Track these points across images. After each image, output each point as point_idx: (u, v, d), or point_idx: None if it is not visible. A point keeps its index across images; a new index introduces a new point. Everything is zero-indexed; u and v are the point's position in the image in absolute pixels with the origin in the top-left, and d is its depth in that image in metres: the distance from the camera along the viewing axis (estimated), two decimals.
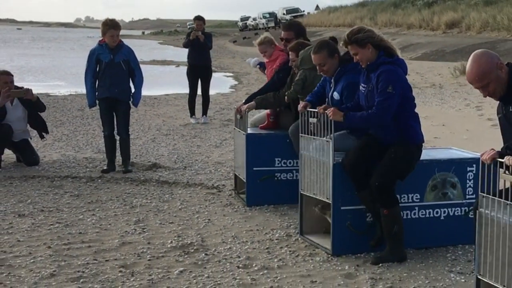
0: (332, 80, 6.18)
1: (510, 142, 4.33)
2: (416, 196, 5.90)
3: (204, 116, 14.05)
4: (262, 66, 8.94)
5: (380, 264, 5.46)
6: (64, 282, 5.09)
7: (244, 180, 7.47)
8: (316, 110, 5.85)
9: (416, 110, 5.76)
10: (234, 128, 7.98)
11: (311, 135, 6.02)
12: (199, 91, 14.09)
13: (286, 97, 7.24)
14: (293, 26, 8.02)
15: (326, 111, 5.69)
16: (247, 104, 7.45)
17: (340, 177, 5.70)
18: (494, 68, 4.36)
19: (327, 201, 5.81)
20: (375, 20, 46.26)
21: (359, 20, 46.03)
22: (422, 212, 5.93)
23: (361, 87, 5.73)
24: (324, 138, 5.78)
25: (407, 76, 5.76)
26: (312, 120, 5.93)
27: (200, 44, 13.75)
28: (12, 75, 9.62)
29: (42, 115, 9.93)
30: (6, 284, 5.06)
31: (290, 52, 7.36)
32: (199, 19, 14.16)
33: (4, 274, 5.24)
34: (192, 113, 14.10)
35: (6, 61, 32.65)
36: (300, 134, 6.19)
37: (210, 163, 9.73)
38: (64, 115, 14.69)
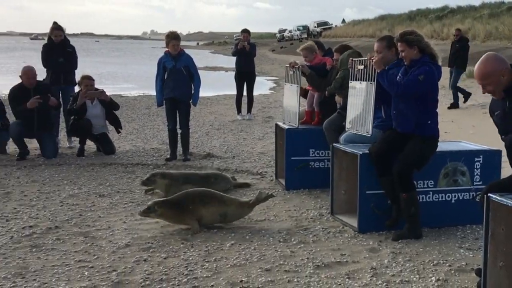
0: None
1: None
2: (431, 182, 5.83)
3: (249, 113, 14.05)
4: None
5: (400, 240, 5.41)
6: (136, 251, 5.14)
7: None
8: (365, 58, 5.84)
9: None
10: (285, 83, 7.80)
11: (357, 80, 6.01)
12: (244, 93, 14.11)
13: (326, 91, 7.23)
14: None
15: (372, 59, 5.69)
16: (303, 65, 7.41)
17: (366, 166, 5.66)
18: (497, 72, 4.26)
19: (366, 134, 5.85)
20: (393, 32, 45.63)
21: (379, 31, 45.41)
22: (435, 196, 5.86)
23: (398, 78, 5.65)
24: (368, 82, 5.76)
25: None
26: (360, 66, 5.89)
27: (246, 53, 13.75)
28: (93, 79, 9.74)
29: (117, 113, 10.02)
30: (90, 252, 5.13)
31: (334, 53, 7.43)
32: (245, 31, 14.16)
33: (88, 244, 5.32)
34: (239, 111, 14.11)
35: (89, 68, 33.01)
36: (350, 81, 6.15)
37: (254, 153, 9.72)
38: (134, 113, 14.80)
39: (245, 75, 13.95)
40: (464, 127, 12.05)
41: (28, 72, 9.15)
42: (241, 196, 6.83)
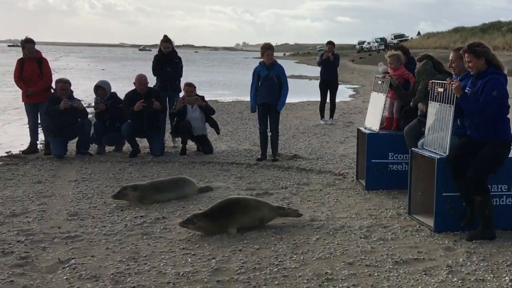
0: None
1: None
2: (504, 186, 5.61)
3: (331, 118, 13.92)
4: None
5: (474, 241, 5.23)
6: (232, 242, 5.19)
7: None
8: (446, 82, 5.65)
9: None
10: (372, 92, 7.67)
11: (436, 101, 5.80)
12: (327, 99, 13.98)
13: (411, 103, 7.09)
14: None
15: (452, 83, 5.49)
16: (392, 77, 7.29)
17: (442, 169, 5.51)
18: None
19: (443, 154, 5.54)
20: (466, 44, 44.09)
21: (453, 43, 43.97)
22: (509, 200, 5.63)
23: (466, 90, 5.49)
24: (447, 104, 5.57)
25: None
26: (440, 89, 5.73)
27: (330, 63, 13.65)
28: (194, 86, 9.92)
29: (213, 117, 10.14)
30: (192, 241, 5.21)
31: (417, 62, 7.29)
32: (330, 43, 14.08)
33: (190, 234, 5.39)
34: (322, 116, 14.01)
35: (190, 76, 33.73)
36: (430, 101, 5.95)
37: (336, 155, 9.62)
38: (229, 117, 14.96)
39: (328, 83, 13.84)
40: None
41: (140, 79, 9.45)
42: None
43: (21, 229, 5.52)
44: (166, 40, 10.14)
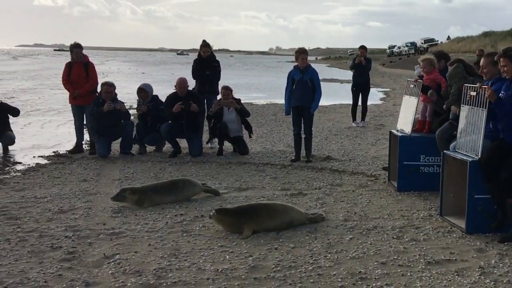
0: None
1: None
2: None
3: (363, 121, 13.80)
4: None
5: (506, 243, 5.12)
6: (268, 241, 5.17)
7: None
8: (477, 85, 5.54)
9: None
10: (405, 95, 7.55)
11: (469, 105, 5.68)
12: (359, 102, 13.86)
13: (445, 105, 6.98)
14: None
15: (482, 87, 5.38)
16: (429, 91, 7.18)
17: (474, 172, 5.41)
18: None
19: (475, 157, 5.41)
20: (496, 48, 43.16)
21: (482, 47, 43.15)
22: None
23: (500, 94, 5.38)
24: (480, 108, 5.45)
25: None
26: (472, 93, 5.62)
27: (362, 67, 13.54)
28: (231, 89, 9.94)
29: (249, 119, 10.13)
30: (229, 239, 5.21)
31: (449, 67, 7.20)
32: (363, 48, 13.97)
33: (228, 232, 5.40)
34: (354, 118, 13.90)
35: (226, 79, 33.95)
36: (462, 105, 5.85)
37: (368, 157, 9.53)
38: (263, 119, 14.91)
39: (360, 86, 13.73)
40: None
41: (180, 82, 9.52)
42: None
43: (68, 225, 5.61)
44: (205, 44, 10.20)
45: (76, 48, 9.77)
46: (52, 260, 4.65)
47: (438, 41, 66.19)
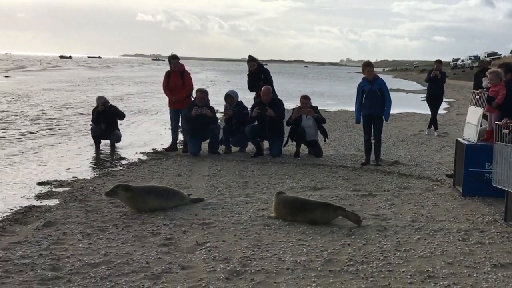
0: None
1: None
2: None
3: (436, 130, 13.03)
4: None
5: None
6: (341, 237, 5.08)
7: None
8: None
9: None
10: (470, 105, 7.23)
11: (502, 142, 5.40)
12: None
13: None
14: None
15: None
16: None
17: None
18: None
19: None
20: None
21: None
22: None
23: None
24: None
25: None
26: (505, 131, 5.32)
27: (437, 80, 12.95)
28: (309, 98, 9.85)
29: (323, 125, 10.04)
30: (306, 233, 5.16)
31: None
32: (438, 62, 13.46)
33: (306, 227, 5.33)
34: (429, 126, 13.16)
35: (304, 88, 33.98)
36: (494, 142, 5.58)
37: (434, 163, 9.19)
38: (336, 124, 14.66)
39: (435, 98, 13.12)
40: None
41: (264, 90, 9.53)
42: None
43: (166, 214, 5.76)
44: (251, 59, 10.07)
45: (173, 59, 10.02)
46: (152, 245, 4.79)
47: (501, 54, 62.90)
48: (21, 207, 6.09)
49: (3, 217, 5.69)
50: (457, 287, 3.99)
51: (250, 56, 10.18)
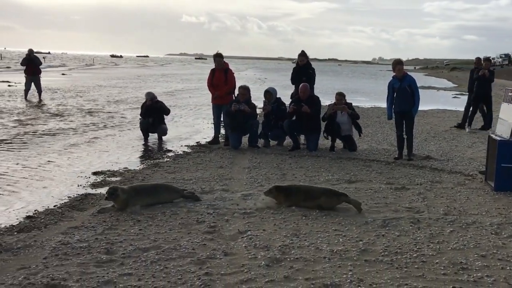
0: None
1: None
2: None
3: (490, 128, 12.27)
4: None
5: None
6: (376, 228, 5.00)
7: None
8: None
9: None
10: (503, 102, 7.03)
11: None
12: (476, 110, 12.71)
13: None
14: None
15: None
16: None
17: None
18: None
19: None
20: None
21: None
22: None
23: None
24: None
25: None
26: None
27: (484, 79, 12.40)
28: (344, 95, 9.75)
29: (358, 121, 9.88)
30: (342, 224, 5.10)
31: None
32: (487, 60, 13.03)
33: (341, 218, 5.27)
34: (469, 124, 12.68)
35: (338, 85, 33.60)
36: None
37: (465, 158, 8.93)
38: (369, 120, 14.50)
39: (482, 97, 12.60)
40: None
41: (301, 88, 9.46)
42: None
43: (209, 203, 5.79)
44: (302, 54, 9.98)
45: (218, 58, 10.05)
46: (197, 232, 4.83)
47: None
48: (78, 194, 6.24)
49: (62, 203, 5.84)
50: (490, 280, 3.86)
51: (302, 51, 10.11)
